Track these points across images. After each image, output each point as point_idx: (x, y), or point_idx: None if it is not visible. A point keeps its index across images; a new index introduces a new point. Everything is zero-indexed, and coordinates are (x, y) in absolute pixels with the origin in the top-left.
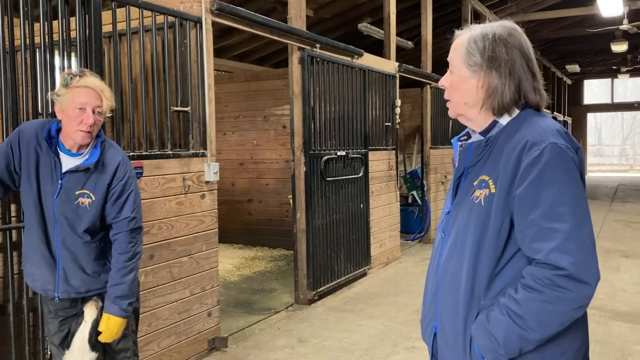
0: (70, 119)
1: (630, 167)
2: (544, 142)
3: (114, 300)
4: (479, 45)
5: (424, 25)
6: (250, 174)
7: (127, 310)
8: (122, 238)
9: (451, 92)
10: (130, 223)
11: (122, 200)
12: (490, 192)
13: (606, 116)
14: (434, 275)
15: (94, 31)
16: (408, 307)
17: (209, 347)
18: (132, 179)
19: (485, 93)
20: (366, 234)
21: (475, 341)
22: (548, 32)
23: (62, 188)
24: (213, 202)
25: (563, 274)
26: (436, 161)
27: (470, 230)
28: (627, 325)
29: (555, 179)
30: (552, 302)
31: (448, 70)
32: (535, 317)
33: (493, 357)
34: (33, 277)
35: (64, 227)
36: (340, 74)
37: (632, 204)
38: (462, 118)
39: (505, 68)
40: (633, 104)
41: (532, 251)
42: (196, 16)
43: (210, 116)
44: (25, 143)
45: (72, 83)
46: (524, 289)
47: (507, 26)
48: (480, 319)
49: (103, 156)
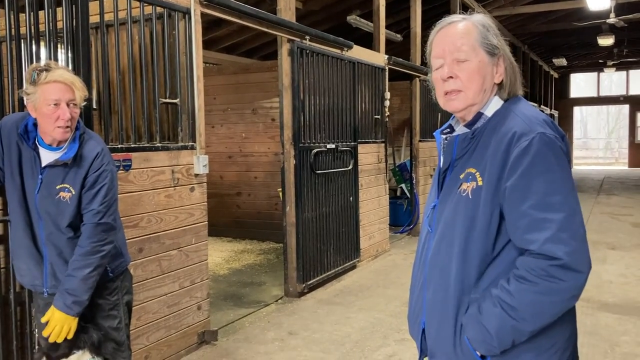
0: (46, 116)
1: (615, 160)
2: (532, 132)
3: (61, 292)
4: (490, 30)
5: (413, 17)
6: (239, 167)
7: (70, 308)
8: (85, 231)
9: (469, 79)
10: (95, 216)
11: (94, 192)
12: (477, 184)
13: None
14: (420, 271)
15: (81, 22)
16: (397, 299)
17: (198, 340)
18: (108, 173)
19: (504, 77)
20: (356, 226)
21: (467, 334)
22: (536, 26)
23: (42, 183)
24: (202, 195)
25: (558, 264)
26: (425, 154)
27: (458, 224)
28: (614, 317)
29: (546, 168)
30: (546, 293)
31: (451, 61)
32: (528, 308)
33: (486, 349)
34: (20, 272)
35: (48, 223)
36: (330, 66)
37: (618, 196)
38: (470, 110)
39: (508, 53)
40: (618, 97)
41: (525, 242)
42: (185, 7)
43: (199, 108)
44: (6, 138)
45: (40, 79)
46: (516, 280)
47: (486, 17)
48: (471, 312)
49: (81, 149)
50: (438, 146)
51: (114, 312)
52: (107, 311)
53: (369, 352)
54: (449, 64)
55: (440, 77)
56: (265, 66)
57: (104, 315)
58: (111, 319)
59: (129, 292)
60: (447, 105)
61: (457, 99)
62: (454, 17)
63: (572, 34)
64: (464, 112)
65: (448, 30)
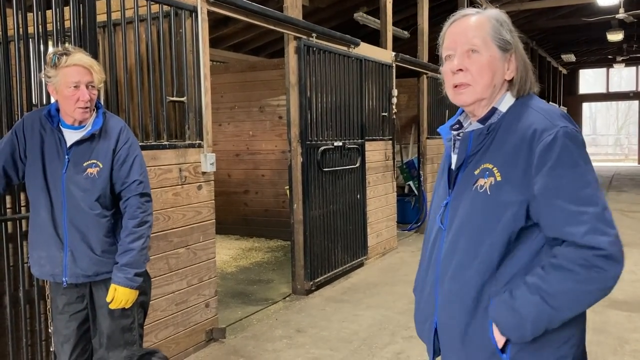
0: (67, 98)
1: (625, 157)
2: (554, 127)
3: (120, 268)
4: (504, 25)
5: (420, 14)
6: (247, 165)
7: (133, 281)
8: (132, 203)
9: (479, 73)
10: (139, 186)
11: (129, 164)
12: (495, 180)
13: (601, 106)
14: (432, 270)
15: (89, 21)
16: (405, 296)
17: (206, 338)
18: (136, 145)
19: (515, 74)
20: (363, 224)
21: (497, 320)
22: (544, 22)
23: (69, 162)
24: (210, 193)
25: (602, 254)
26: (433, 151)
27: (476, 220)
28: (624, 314)
29: (573, 162)
30: (586, 282)
31: (461, 53)
32: (567, 296)
33: (517, 335)
34: (40, 262)
35: (73, 203)
36: (337, 63)
37: (628, 193)
38: (478, 104)
39: (522, 50)
40: (628, 93)
41: (564, 234)
42: (192, 5)
43: (206, 106)
44: (29, 128)
45: (60, 63)
46: (555, 269)
47: (501, 12)
48: (503, 298)
49: (106, 124)
50: (445, 142)
51: (127, 311)
52: (120, 310)
53: (377, 349)
54: (459, 56)
55: (450, 70)
56: (272, 64)
57: (117, 314)
58: (124, 318)
59: (145, 293)
60: (456, 99)
61: (466, 93)
62: (468, 10)
63: (581, 29)
64: (472, 106)
65: (461, 22)
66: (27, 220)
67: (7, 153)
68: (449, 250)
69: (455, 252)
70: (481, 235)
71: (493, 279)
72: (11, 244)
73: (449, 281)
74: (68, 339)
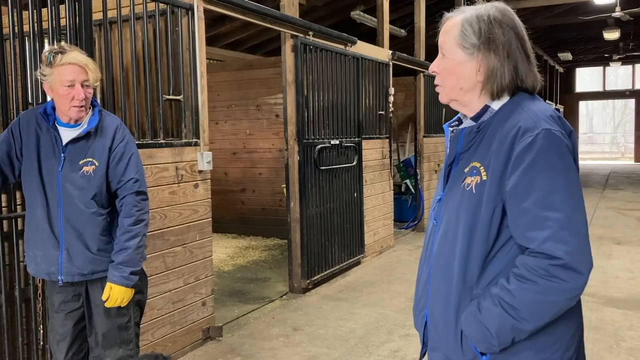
0: (62, 96)
1: (621, 155)
2: (537, 128)
3: (115, 266)
4: (475, 27)
5: (417, 12)
6: (244, 164)
7: (129, 279)
8: (128, 201)
9: (444, 77)
10: (135, 185)
11: (125, 162)
12: (481, 179)
13: (598, 104)
14: (426, 264)
15: (84, 19)
16: (402, 295)
17: (203, 336)
18: (132, 143)
19: (484, 76)
20: (360, 222)
21: (466, 332)
22: (541, 20)
23: (65, 160)
24: (206, 191)
25: (558, 263)
26: (429, 150)
27: (462, 218)
28: (619, 312)
29: (549, 166)
30: (546, 293)
31: (439, 55)
32: (529, 307)
33: (485, 347)
34: (36, 260)
35: (69, 202)
36: (334, 62)
37: (624, 191)
38: (455, 103)
39: (503, 50)
40: (624, 91)
41: (525, 240)
42: (188, 3)
43: (202, 105)
44: (25, 126)
45: (55, 61)
46: (517, 279)
47: (500, 7)
48: (470, 309)
49: (101, 122)
50: (446, 139)
51: (123, 310)
52: (116, 309)
53: (374, 347)
54: (437, 59)
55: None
56: (269, 62)
57: (113, 313)
58: (120, 316)
59: (141, 291)
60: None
61: (440, 93)
62: (453, 12)
63: (577, 28)
64: (453, 105)
65: (442, 26)
66: (22, 219)
67: (2, 151)
68: (439, 246)
69: (443, 248)
70: (465, 233)
71: (474, 280)
72: (7, 242)
73: (437, 278)
74: (64, 337)
